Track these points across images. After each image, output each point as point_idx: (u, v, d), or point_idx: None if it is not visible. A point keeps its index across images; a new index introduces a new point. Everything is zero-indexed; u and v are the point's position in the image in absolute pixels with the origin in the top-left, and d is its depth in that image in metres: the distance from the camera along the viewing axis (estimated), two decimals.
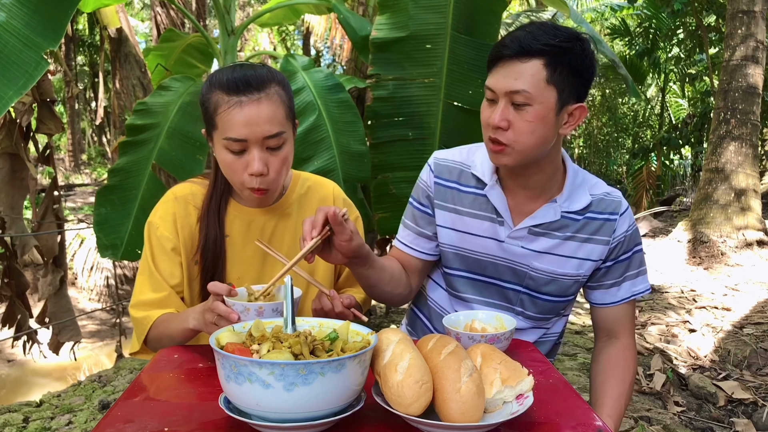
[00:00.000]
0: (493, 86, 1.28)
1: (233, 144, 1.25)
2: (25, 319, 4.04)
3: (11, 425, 2.96)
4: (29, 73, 1.91)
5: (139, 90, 5.56)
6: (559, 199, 1.39)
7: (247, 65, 1.30)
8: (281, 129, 1.26)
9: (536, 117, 1.25)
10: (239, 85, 1.23)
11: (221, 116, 1.25)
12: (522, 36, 1.25)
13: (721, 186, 6.30)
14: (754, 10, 6.27)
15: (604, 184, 1.47)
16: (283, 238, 1.43)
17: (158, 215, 1.40)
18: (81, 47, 17.53)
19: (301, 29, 16.63)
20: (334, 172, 2.80)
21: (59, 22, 2.01)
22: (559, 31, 1.26)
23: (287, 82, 1.33)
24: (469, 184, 1.45)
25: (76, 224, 10.11)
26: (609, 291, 1.46)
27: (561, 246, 1.40)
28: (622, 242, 1.42)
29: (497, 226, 1.42)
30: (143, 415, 0.94)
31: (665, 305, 4.83)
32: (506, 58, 1.26)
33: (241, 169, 1.27)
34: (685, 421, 2.81)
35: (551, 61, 1.23)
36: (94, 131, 22.25)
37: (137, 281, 1.40)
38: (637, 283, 1.46)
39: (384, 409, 0.90)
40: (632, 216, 1.47)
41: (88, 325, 8.60)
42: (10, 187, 3.75)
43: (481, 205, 1.43)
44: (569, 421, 0.94)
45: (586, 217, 1.40)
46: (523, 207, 1.41)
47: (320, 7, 3.74)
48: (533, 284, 1.44)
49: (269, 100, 1.25)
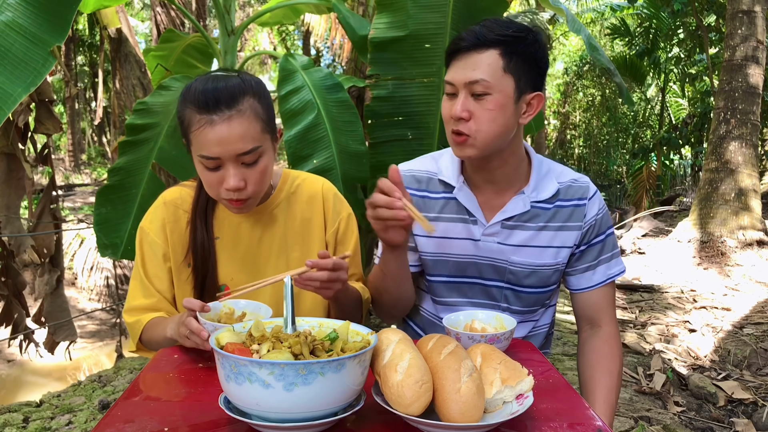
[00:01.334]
0: (452, 79, 1.31)
1: (207, 162, 1.25)
2: (22, 318, 4.04)
3: (11, 425, 2.96)
4: (37, 70, 1.92)
5: (139, 90, 5.56)
6: (526, 190, 1.42)
7: (220, 76, 1.27)
8: (255, 144, 1.24)
9: (496, 105, 1.29)
10: (209, 102, 1.21)
11: (194, 134, 1.24)
12: (477, 29, 1.29)
13: (722, 186, 6.30)
14: (754, 10, 6.27)
15: (570, 171, 1.50)
16: (273, 238, 1.43)
17: (148, 221, 1.42)
18: (81, 47, 17.53)
19: (301, 29, 16.63)
20: (333, 171, 2.80)
21: (64, 18, 2.02)
22: (513, 23, 1.32)
23: (264, 91, 1.30)
24: (438, 190, 1.47)
25: (76, 224, 10.10)
26: (584, 275, 1.48)
27: (536, 237, 1.43)
28: (594, 225, 1.46)
29: (471, 225, 1.44)
30: (143, 415, 0.94)
31: (665, 305, 4.83)
32: (463, 50, 1.30)
33: (217, 183, 1.27)
34: (685, 421, 2.81)
35: (507, 51, 1.28)
36: (94, 131, 22.25)
37: (130, 286, 1.43)
38: (611, 266, 1.49)
39: (384, 409, 0.90)
40: (601, 199, 1.51)
41: (88, 325, 8.60)
42: (6, 187, 3.76)
43: (452, 208, 1.46)
44: (569, 421, 0.94)
45: (555, 205, 1.43)
46: (492, 202, 1.44)
47: (320, 6, 3.73)
48: (514, 279, 1.46)
49: (241, 117, 1.22)
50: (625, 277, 5.91)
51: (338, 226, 1.49)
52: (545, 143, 15.94)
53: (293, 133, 2.79)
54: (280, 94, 2.89)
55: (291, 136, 2.79)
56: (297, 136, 2.79)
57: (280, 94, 2.89)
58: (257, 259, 1.42)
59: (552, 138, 17.96)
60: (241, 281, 1.40)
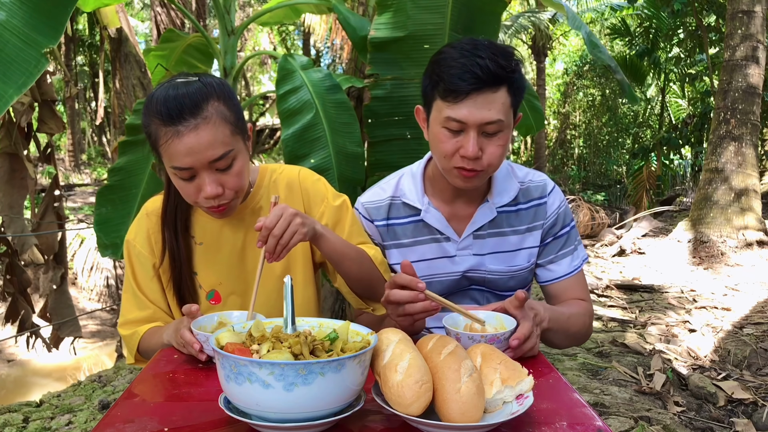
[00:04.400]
0: (465, 119, 1.27)
1: (181, 173, 1.23)
2: (28, 315, 4.07)
3: (11, 425, 2.96)
4: (29, 72, 1.91)
5: (139, 90, 5.55)
6: (490, 198, 1.44)
7: (180, 83, 1.23)
8: (226, 149, 1.23)
9: (505, 140, 1.31)
10: (173, 114, 1.18)
11: (163, 147, 1.22)
12: (489, 65, 1.24)
13: (721, 186, 6.30)
14: (754, 10, 6.27)
15: (528, 170, 1.52)
16: (256, 237, 1.41)
17: (133, 233, 1.42)
18: (81, 47, 17.53)
19: (302, 29, 16.63)
20: (330, 171, 2.80)
21: (58, 19, 2.01)
22: (507, 52, 1.29)
23: (228, 92, 1.27)
24: (401, 215, 1.48)
25: (76, 224, 10.11)
26: (548, 268, 1.51)
27: (506, 241, 1.46)
28: (556, 220, 1.49)
29: (443, 243, 1.46)
30: (143, 415, 0.94)
31: (665, 305, 4.83)
32: (475, 90, 1.25)
33: (194, 192, 1.26)
34: (685, 421, 2.81)
35: (512, 87, 1.28)
36: (94, 131, 22.24)
37: (123, 299, 1.43)
38: (575, 257, 1.51)
39: (384, 409, 0.90)
40: (560, 193, 1.53)
41: (88, 325, 8.60)
42: (9, 187, 3.77)
43: (421, 230, 1.47)
44: (569, 421, 0.94)
45: (518, 207, 1.47)
46: (460, 213, 1.46)
47: (320, 6, 3.74)
48: (494, 285, 1.49)
49: (207, 124, 1.20)
50: (625, 277, 5.91)
51: (323, 210, 1.42)
52: (545, 143, 15.93)
53: (290, 132, 2.80)
54: (278, 94, 2.89)
55: (288, 135, 2.79)
56: (294, 136, 2.79)
57: (278, 93, 2.89)
58: (243, 260, 1.41)
59: (552, 138, 17.95)
60: (230, 285, 1.41)
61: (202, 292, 1.42)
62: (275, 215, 1.18)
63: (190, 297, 1.40)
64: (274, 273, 1.40)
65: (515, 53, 1.31)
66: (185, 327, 1.14)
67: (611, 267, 6.39)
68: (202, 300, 1.42)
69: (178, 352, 1.21)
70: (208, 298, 1.41)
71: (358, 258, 1.35)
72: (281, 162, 9.44)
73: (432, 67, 1.34)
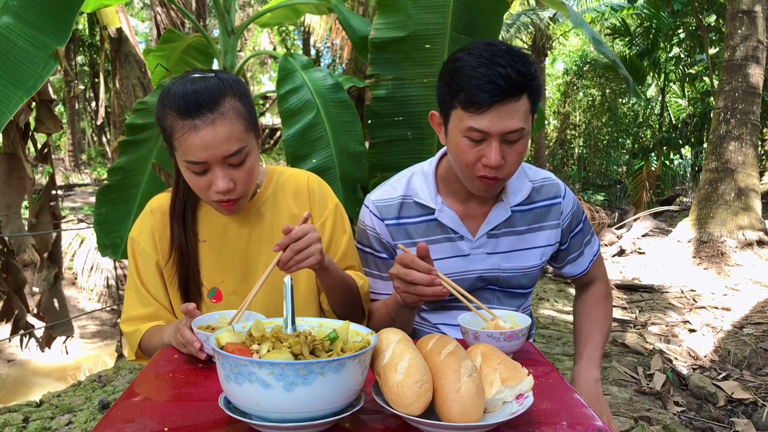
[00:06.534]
0: (488, 129, 1.25)
1: (194, 167, 1.24)
2: (23, 314, 4.06)
3: (11, 425, 2.96)
4: (38, 73, 1.92)
5: (139, 90, 5.55)
6: (504, 197, 1.45)
7: (197, 78, 1.24)
8: (241, 145, 1.24)
9: (525, 147, 1.31)
10: (190, 107, 1.19)
11: (178, 141, 1.22)
12: (511, 74, 1.22)
13: (722, 186, 6.30)
14: (754, 10, 6.27)
15: (538, 169, 1.54)
16: (260, 237, 1.43)
17: (137, 230, 1.42)
18: (81, 47, 17.53)
19: (302, 29, 16.62)
20: (332, 170, 2.80)
21: (66, 21, 2.02)
22: (525, 57, 1.28)
23: (243, 89, 1.28)
24: (414, 214, 1.47)
25: (76, 224, 10.10)
26: (576, 263, 1.60)
27: (521, 240, 1.48)
28: (572, 219, 1.53)
29: (458, 242, 1.46)
30: (143, 415, 0.94)
31: (665, 305, 4.83)
32: (501, 101, 1.23)
33: (206, 187, 1.27)
34: (685, 421, 2.81)
35: (532, 93, 1.27)
36: (94, 131, 22.24)
37: (126, 296, 1.43)
38: (593, 245, 1.61)
39: (384, 409, 0.90)
40: (571, 192, 1.57)
41: (88, 326, 8.60)
42: (7, 186, 3.76)
43: (434, 229, 1.46)
44: (569, 421, 0.94)
45: (532, 206, 1.48)
46: (474, 212, 1.46)
47: (320, 7, 3.73)
48: (506, 283, 1.50)
49: (224, 119, 1.21)
50: (625, 277, 5.91)
51: (326, 218, 1.46)
52: (545, 143, 15.93)
53: (292, 132, 2.80)
54: (279, 94, 2.89)
55: (290, 135, 2.79)
56: (296, 136, 2.79)
57: (279, 93, 2.89)
58: (247, 259, 1.42)
59: (552, 138, 17.94)
60: (232, 283, 1.41)
61: (204, 290, 1.42)
62: (303, 230, 1.20)
63: (196, 293, 1.40)
64: (275, 271, 1.40)
65: (531, 57, 1.32)
66: (185, 325, 1.15)
67: (611, 267, 6.39)
68: (204, 298, 1.42)
69: (178, 352, 1.22)
70: (209, 296, 1.42)
71: (348, 290, 1.41)
72: (281, 162, 9.48)
73: (450, 75, 1.29)
